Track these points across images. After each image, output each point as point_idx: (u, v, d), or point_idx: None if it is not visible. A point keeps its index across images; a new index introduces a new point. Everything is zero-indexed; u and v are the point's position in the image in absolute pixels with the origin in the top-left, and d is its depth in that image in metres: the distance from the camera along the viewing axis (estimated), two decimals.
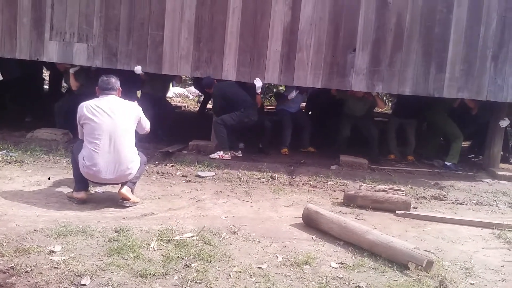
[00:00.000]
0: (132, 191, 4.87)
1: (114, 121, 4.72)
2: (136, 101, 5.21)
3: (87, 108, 4.74)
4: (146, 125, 5.10)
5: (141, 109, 5.03)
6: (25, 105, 9.40)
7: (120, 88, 5.01)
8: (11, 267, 3.26)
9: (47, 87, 11.86)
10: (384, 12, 7.00)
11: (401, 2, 6.96)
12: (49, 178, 5.63)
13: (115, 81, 4.93)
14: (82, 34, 7.38)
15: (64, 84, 8.96)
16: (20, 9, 7.43)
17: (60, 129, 7.71)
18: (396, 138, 8.45)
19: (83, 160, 4.68)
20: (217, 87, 7.44)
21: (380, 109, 9.97)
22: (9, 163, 6.14)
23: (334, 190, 6.12)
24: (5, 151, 6.58)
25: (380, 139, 8.08)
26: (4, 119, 8.58)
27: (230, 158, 7.18)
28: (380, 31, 7.03)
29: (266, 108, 14.16)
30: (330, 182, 6.45)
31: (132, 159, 4.83)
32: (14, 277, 3.14)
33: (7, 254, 3.45)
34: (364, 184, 6.03)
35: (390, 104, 13.68)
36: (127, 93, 5.68)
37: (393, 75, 7.07)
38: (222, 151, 7.17)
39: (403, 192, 5.62)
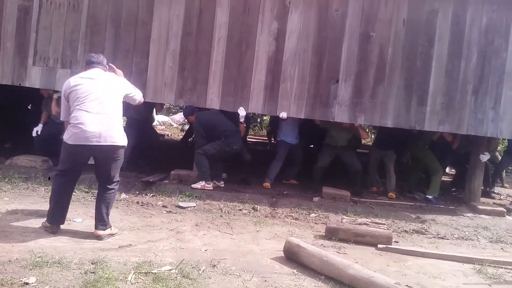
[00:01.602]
0: (107, 222, 4.73)
1: (100, 85, 4.69)
2: None
3: (73, 79, 4.74)
4: (137, 95, 5.04)
5: (128, 82, 5.02)
6: (5, 131, 9.29)
7: (107, 66, 5.01)
8: None
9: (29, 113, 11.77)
10: (366, 45, 7.09)
11: (383, 35, 7.07)
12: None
13: (103, 58, 4.96)
14: (66, 60, 7.35)
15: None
16: (4, 34, 7.40)
17: (40, 156, 7.60)
18: (378, 170, 8.48)
19: (70, 125, 4.58)
20: (198, 117, 7.44)
21: (364, 140, 10.01)
22: None
23: (316, 223, 6.09)
24: None
25: (362, 171, 8.06)
26: None
27: (212, 188, 7.13)
28: (363, 63, 7.11)
29: (250, 138, 14.18)
30: (312, 215, 6.43)
31: (120, 132, 4.69)
32: None
33: None
34: (346, 217, 6.02)
35: (372, 136, 13.77)
36: None
37: (375, 107, 7.13)
38: (204, 181, 7.12)
39: (385, 226, 5.61)
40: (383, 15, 7.07)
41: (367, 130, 11.92)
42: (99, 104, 4.61)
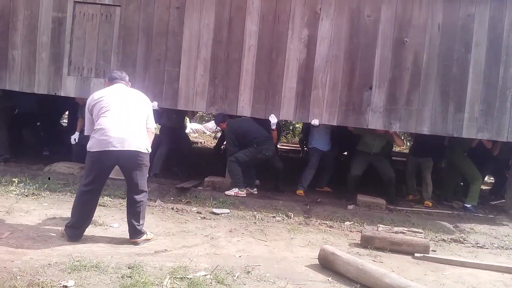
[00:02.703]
0: (140, 232, 4.76)
1: (122, 97, 4.79)
2: None
3: (97, 93, 4.85)
4: (152, 123, 4.98)
5: (151, 103, 5.08)
6: (43, 139, 9.51)
7: (130, 83, 5.10)
8: None
9: (66, 121, 12.05)
10: (400, 51, 7.01)
11: (418, 41, 6.98)
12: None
13: (125, 75, 5.06)
14: (100, 69, 7.48)
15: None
16: (39, 45, 7.54)
17: (78, 163, 7.74)
18: (415, 178, 8.32)
19: (94, 132, 4.63)
20: (229, 124, 7.46)
21: (399, 147, 9.84)
22: (26, 196, 6.17)
23: (351, 231, 6.01)
24: (22, 184, 6.61)
25: (397, 179, 7.91)
26: (23, 152, 8.67)
27: (245, 195, 7.13)
28: (397, 70, 7.02)
29: (282, 146, 14.15)
30: (347, 222, 6.35)
31: (143, 139, 4.72)
32: None
33: None
34: (382, 225, 5.91)
35: (408, 144, 13.54)
36: None
37: (411, 114, 7.02)
38: (237, 188, 7.13)
39: (422, 234, 5.48)
40: (417, 21, 6.98)
41: (402, 137, 11.75)
42: (122, 112, 4.69)
